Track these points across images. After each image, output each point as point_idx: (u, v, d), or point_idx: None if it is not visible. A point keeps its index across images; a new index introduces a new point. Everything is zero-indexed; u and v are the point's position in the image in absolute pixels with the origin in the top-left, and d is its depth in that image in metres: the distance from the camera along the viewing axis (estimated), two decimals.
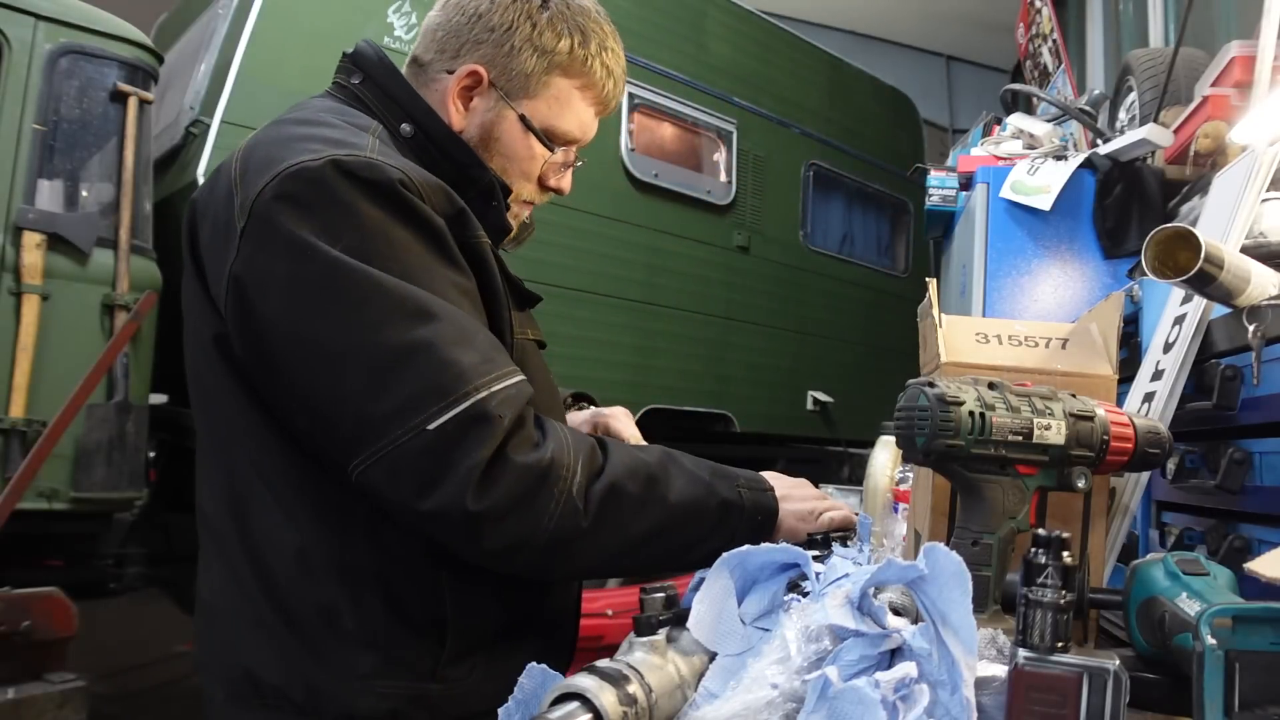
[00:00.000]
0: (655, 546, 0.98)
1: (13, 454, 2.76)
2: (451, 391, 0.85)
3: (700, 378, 4.49)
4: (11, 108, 2.87)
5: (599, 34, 1.09)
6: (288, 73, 3.19)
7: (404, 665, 0.95)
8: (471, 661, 0.99)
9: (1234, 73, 1.91)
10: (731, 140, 4.65)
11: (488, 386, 0.87)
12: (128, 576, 3.22)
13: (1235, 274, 1.07)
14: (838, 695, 0.68)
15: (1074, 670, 0.65)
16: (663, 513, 0.97)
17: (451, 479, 0.84)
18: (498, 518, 0.87)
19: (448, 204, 0.96)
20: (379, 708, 0.94)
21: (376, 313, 0.87)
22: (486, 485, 0.85)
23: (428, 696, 0.96)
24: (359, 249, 0.88)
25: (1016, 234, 2.31)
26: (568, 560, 0.94)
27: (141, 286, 3.05)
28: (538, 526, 0.89)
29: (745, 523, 1.05)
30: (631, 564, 1.01)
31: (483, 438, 0.85)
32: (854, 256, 5.41)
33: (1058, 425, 0.91)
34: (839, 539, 1.08)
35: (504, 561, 0.92)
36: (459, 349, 0.87)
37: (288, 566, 0.95)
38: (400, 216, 0.91)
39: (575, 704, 0.71)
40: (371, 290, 0.87)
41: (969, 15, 7.46)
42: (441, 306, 0.89)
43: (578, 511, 0.90)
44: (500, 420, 0.86)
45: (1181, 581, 0.84)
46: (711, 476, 1.04)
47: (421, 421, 0.85)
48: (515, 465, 0.87)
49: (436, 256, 0.93)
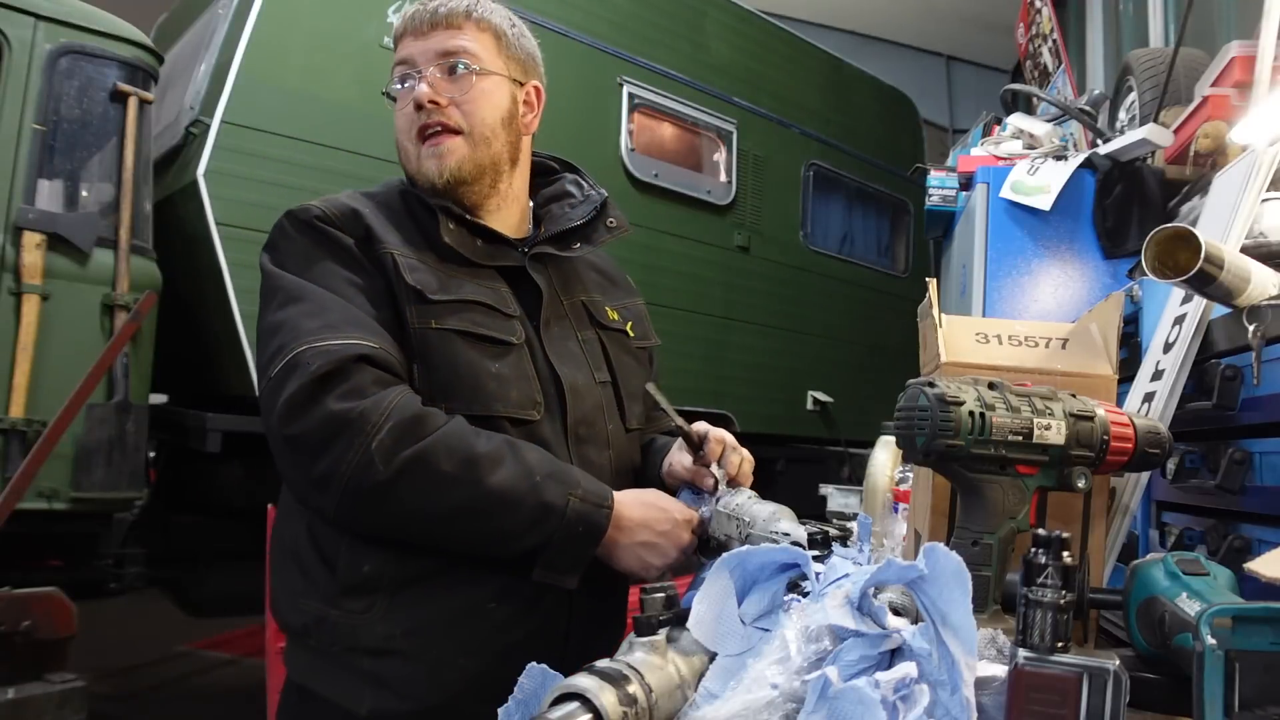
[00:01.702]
0: (464, 524, 1.09)
1: (13, 454, 2.75)
2: (285, 348, 1.08)
3: (700, 378, 4.49)
4: (11, 108, 2.87)
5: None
6: (288, 73, 3.19)
7: (315, 588, 1.14)
8: (369, 599, 1.11)
9: (1234, 73, 1.91)
10: (731, 140, 4.65)
11: (310, 343, 1.07)
12: (128, 576, 3.22)
13: (1235, 274, 1.07)
14: (838, 695, 0.68)
15: (1074, 670, 0.65)
16: (471, 494, 1.07)
17: (274, 411, 1.07)
18: (308, 451, 1.05)
19: (355, 227, 1.20)
20: (297, 622, 1.15)
21: (274, 303, 1.15)
22: (294, 416, 1.05)
23: (328, 620, 1.12)
24: (283, 262, 1.18)
25: (1016, 234, 2.31)
26: (370, 510, 1.07)
27: (141, 286, 3.04)
28: (336, 468, 1.04)
29: (563, 530, 1.09)
30: (443, 534, 1.11)
31: (292, 378, 1.06)
32: (854, 256, 5.40)
33: (1058, 425, 0.91)
34: (838, 539, 1.08)
35: (320, 495, 1.08)
36: (307, 319, 1.10)
37: (282, 504, 1.24)
38: (317, 240, 1.19)
39: (575, 704, 0.71)
40: (275, 289, 1.16)
41: (969, 15, 7.46)
42: (312, 292, 1.13)
43: (372, 465, 1.04)
44: (307, 366, 1.05)
45: (1181, 581, 0.84)
46: (545, 478, 1.10)
47: (270, 371, 1.09)
48: (323, 407, 1.05)
49: (337, 262, 1.17)
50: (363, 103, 3.31)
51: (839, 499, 2.47)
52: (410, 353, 1.15)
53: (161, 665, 4.50)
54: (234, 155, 3.07)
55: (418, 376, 1.14)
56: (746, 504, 1.17)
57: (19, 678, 2.59)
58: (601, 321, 1.36)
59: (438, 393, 1.14)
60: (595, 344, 1.32)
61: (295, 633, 1.17)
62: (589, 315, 1.34)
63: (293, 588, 1.17)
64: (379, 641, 1.10)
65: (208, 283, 3.09)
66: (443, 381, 1.15)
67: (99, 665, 3.85)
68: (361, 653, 1.11)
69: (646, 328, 1.46)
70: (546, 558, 1.10)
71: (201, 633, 4.62)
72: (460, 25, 1.25)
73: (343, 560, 1.12)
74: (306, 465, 1.06)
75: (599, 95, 4.12)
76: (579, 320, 1.32)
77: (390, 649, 1.11)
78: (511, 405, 1.17)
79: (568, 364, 1.25)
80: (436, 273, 1.19)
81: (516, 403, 1.17)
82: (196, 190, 3.01)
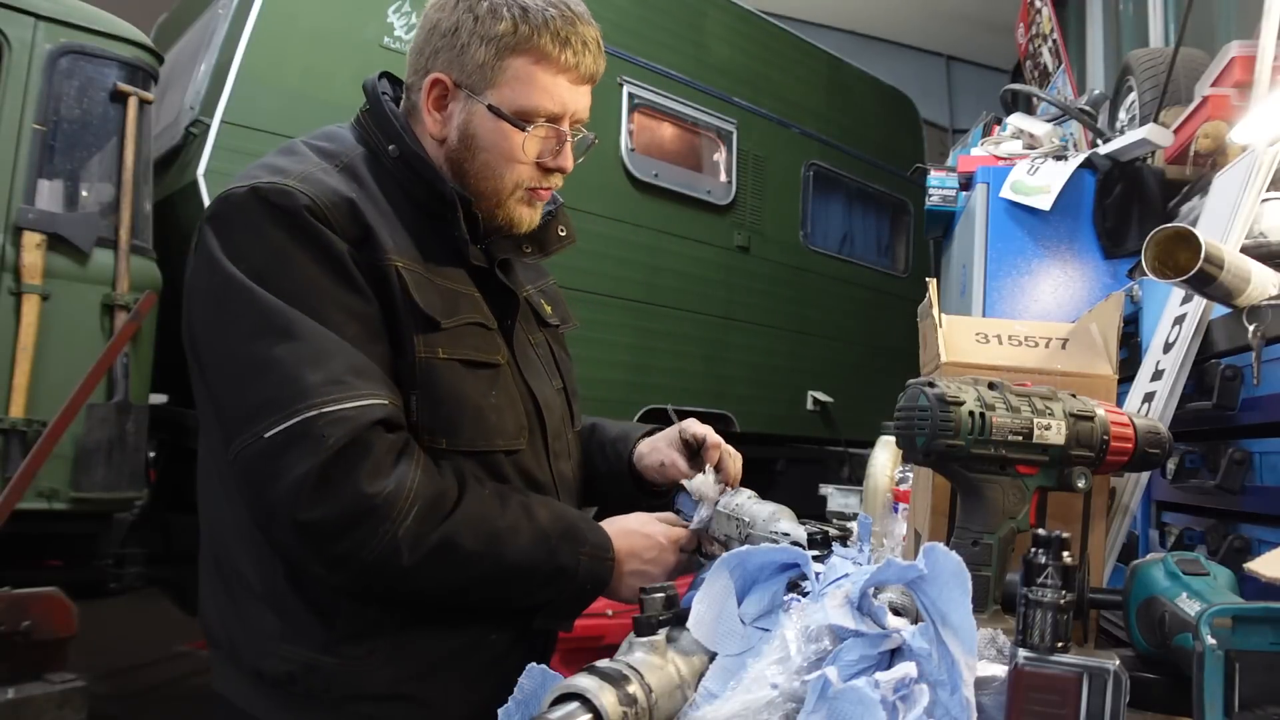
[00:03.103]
0: (481, 593, 1.06)
1: (13, 454, 2.76)
2: (286, 406, 0.94)
3: (700, 378, 4.49)
4: (11, 108, 2.87)
5: (541, 6, 1.09)
6: (288, 73, 3.19)
7: (302, 635, 1.03)
8: (370, 645, 1.04)
9: (1234, 73, 1.91)
10: (731, 140, 4.65)
11: (321, 406, 0.94)
12: (128, 576, 3.22)
13: (1235, 274, 1.07)
14: (838, 695, 0.68)
15: (1074, 670, 0.65)
16: (494, 569, 1.03)
17: (280, 486, 0.93)
18: (326, 536, 0.95)
19: (353, 226, 1.03)
20: (279, 669, 1.03)
21: (247, 327, 0.97)
22: (311, 501, 0.93)
23: (321, 668, 1.02)
24: (256, 269, 0.99)
25: (1016, 234, 2.31)
26: (387, 588, 1.01)
27: (141, 286, 3.05)
28: (358, 553, 0.95)
29: (573, 589, 1.09)
30: (457, 602, 1.07)
31: (304, 452, 0.93)
32: (854, 256, 5.40)
33: (1058, 425, 0.91)
34: (838, 539, 1.08)
35: (332, 574, 0.99)
36: (307, 368, 0.95)
37: (226, 536, 1.08)
38: (300, 239, 1.00)
39: (575, 704, 0.71)
40: (247, 307, 0.97)
41: (969, 15, 7.46)
42: (306, 327, 0.97)
43: (398, 553, 0.96)
44: (324, 439, 0.93)
45: (1181, 581, 0.84)
46: (559, 539, 1.08)
47: (261, 429, 0.94)
48: (345, 493, 0.94)
49: (330, 278, 1.00)
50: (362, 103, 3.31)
51: (839, 499, 2.47)
52: (410, 383, 1.05)
53: (161, 665, 4.50)
54: (234, 155, 3.06)
55: (416, 409, 1.05)
56: (746, 504, 1.17)
57: (19, 678, 2.59)
58: (543, 319, 1.31)
59: (439, 428, 1.06)
60: (545, 346, 1.29)
61: (273, 680, 1.04)
62: (534, 314, 1.29)
63: (264, 631, 1.04)
64: (386, 687, 1.04)
65: None
66: (446, 416, 1.07)
67: (99, 665, 3.85)
68: (365, 699, 1.04)
69: (564, 309, 1.39)
70: (551, 610, 1.11)
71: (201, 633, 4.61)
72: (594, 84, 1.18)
73: (345, 609, 1.03)
74: (320, 546, 0.96)
75: (599, 95, 4.10)
76: (529, 324, 1.27)
77: (398, 694, 1.05)
78: (508, 437, 1.14)
79: (535, 377, 1.22)
80: (435, 287, 1.09)
81: (511, 433, 1.14)
82: (196, 190, 3.01)
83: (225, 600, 1.09)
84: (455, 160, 1.14)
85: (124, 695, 4.00)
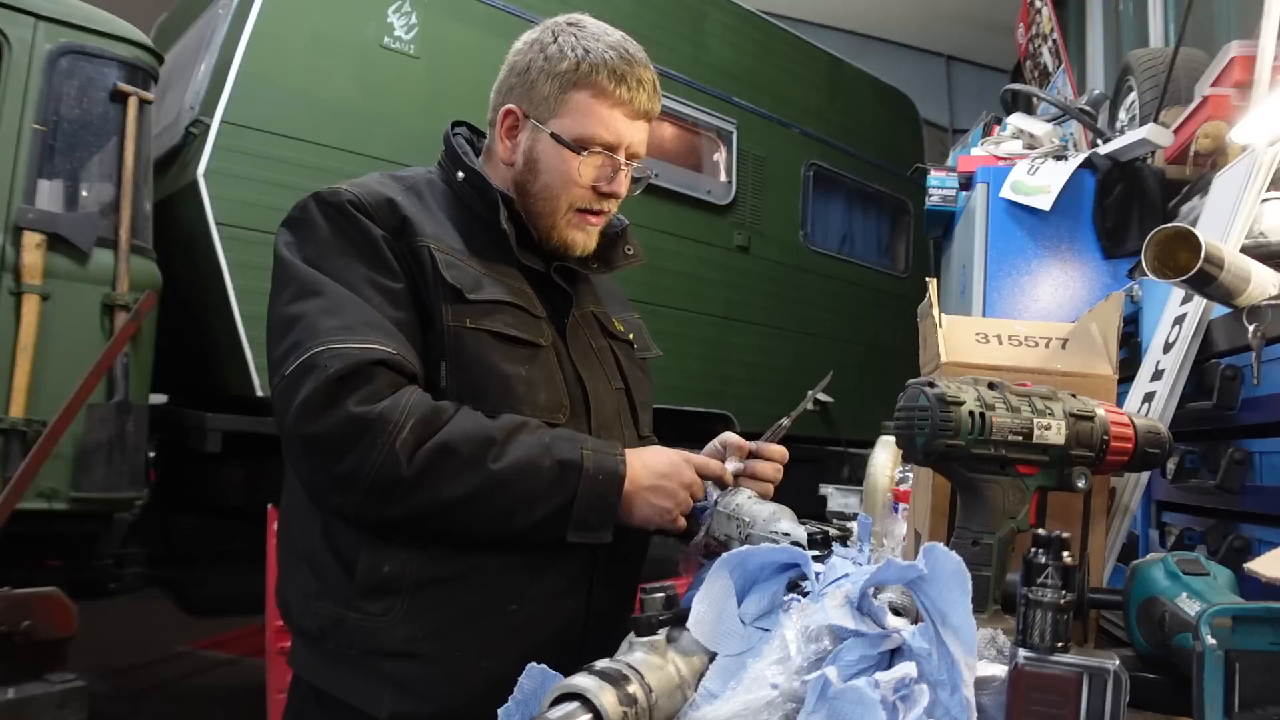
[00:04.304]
0: (489, 501, 1.09)
1: (13, 454, 2.75)
2: (302, 346, 1.07)
3: (700, 378, 4.48)
4: (11, 108, 2.87)
5: (602, 49, 1.23)
6: (288, 73, 3.19)
7: (331, 590, 1.12)
8: (389, 602, 1.11)
9: (1234, 73, 1.91)
10: (731, 140, 4.65)
11: (328, 344, 1.06)
12: (128, 576, 3.22)
13: (1235, 274, 1.07)
14: (838, 695, 0.68)
15: (1074, 670, 0.65)
16: (493, 470, 1.08)
17: (290, 409, 1.06)
18: (329, 452, 1.05)
19: (391, 218, 1.18)
20: (313, 625, 1.14)
21: (287, 294, 1.13)
22: (311, 416, 1.04)
23: (345, 622, 1.11)
24: (305, 253, 1.16)
25: (1016, 234, 2.31)
26: (396, 504, 1.07)
27: (141, 286, 3.04)
28: (360, 467, 1.04)
29: (585, 482, 1.12)
30: (470, 517, 1.10)
31: (309, 379, 1.05)
32: (854, 256, 5.40)
33: (1058, 425, 0.91)
34: (838, 539, 1.08)
35: (343, 495, 1.07)
36: (325, 317, 1.09)
37: (289, 502, 1.22)
38: (341, 226, 1.17)
39: (575, 704, 0.71)
40: (291, 280, 1.14)
41: (969, 15, 7.45)
42: (330, 288, 1.11)
43: (397, 462, 1.04)
44: (325, 368, 1.04)
45: (1181, 581, 0.84)
46: (555, 439, 1.13)
47: (285, 369, 1.08)
48: (342, 410, 1.04)
49: (360, 256, 1.15)
50: (362, 103, 3.31)
51: (839, 499, 2.48)
52: (440, 351, 1.15)
53: (161, 665, 4.51)
54: (234, 155, 3.07)
55: (445, 375, 1.14)
56: (746, 504, 1.17)
57: (19, 678, 2.59)
58: (612, 332, 1.39)
59: (466, 393, 1.14)
60: (608, 352, 1.35)
61: (310, 636, 1.15)
62: (600, 325, 1.37)
63: (306, 590, 1.15)
64: (400, 644, 1.10)
65: (208, 283, 3.09)
66: (473, 382, 1.15)
67: (99, 665, 3.85)
68: (382, 655, 1.10)
69: (647, 340, 1.49)
70: (576, 516, 1.12)
71: (201, 633, 4.62)
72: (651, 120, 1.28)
73: (361, 562, 1.11)
74: (328, 466, 1.06)
75: None
76: (592, 330, 1.34)
77: (412, 651, 1.10)
78: (539, 408, 1.18)
79: (589, 368, 1.28)
80: (470, 269, 1.19)
81: (544, 406, 1.19)
82: (196, 190, 3.02)
83: (284, 567, 1.22)
84: (520, 183, 1.26)
85: (124, 695, 4.00)
